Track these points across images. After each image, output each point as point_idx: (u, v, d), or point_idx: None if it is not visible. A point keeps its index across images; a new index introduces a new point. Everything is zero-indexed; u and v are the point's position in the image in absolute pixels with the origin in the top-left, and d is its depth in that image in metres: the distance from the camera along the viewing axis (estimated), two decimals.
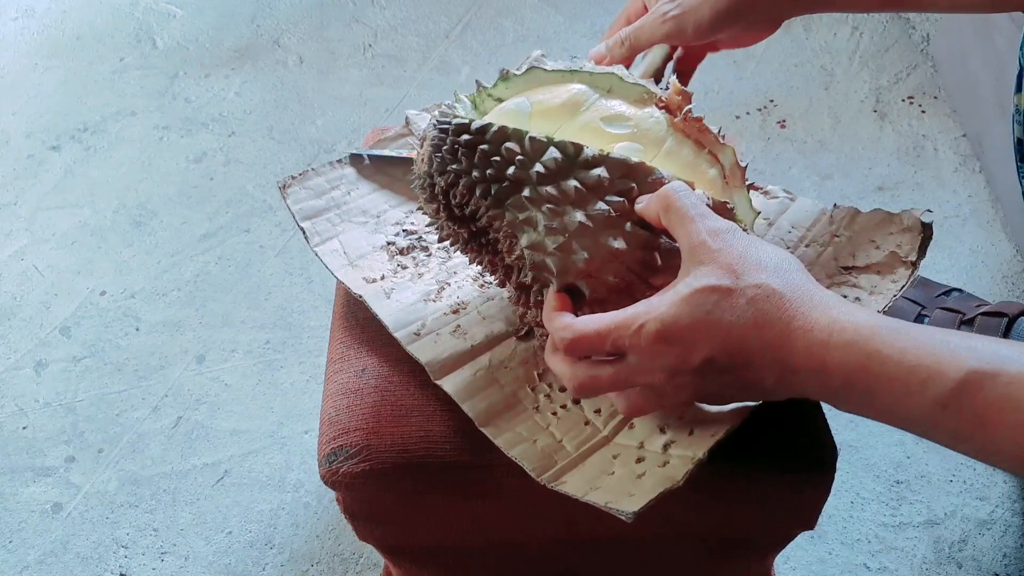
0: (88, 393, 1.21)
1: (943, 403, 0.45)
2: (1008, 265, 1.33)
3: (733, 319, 0.49)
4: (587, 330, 0.52)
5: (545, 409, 0.63)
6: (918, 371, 0.46)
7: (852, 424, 1.15)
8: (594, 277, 0.55)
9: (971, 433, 0.45)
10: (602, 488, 0.57)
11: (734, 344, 0.49)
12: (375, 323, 0.69)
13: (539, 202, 0.55)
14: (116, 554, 1.06)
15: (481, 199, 0.57)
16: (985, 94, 1.44)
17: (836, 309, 0.49)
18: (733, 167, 0.62)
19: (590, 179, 0.55)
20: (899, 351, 0.46)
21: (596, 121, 0.60)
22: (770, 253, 0.51)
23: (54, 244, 1.40)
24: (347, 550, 1.06)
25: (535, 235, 0.55)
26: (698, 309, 0.49)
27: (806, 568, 1.04)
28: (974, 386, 0.44)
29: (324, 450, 0.66)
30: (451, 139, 0.57)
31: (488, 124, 0.57)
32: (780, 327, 0.49)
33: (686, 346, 0.50)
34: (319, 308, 1.30)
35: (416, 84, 1.66)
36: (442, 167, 0.58)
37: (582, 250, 0.54)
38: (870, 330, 0.47)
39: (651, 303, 0.51)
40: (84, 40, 1.78)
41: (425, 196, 0.61)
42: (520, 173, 0.56)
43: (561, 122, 0.60)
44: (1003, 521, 1.07)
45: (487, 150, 0.56)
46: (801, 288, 0.50)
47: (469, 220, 0.59)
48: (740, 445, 0.61)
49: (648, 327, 0.50)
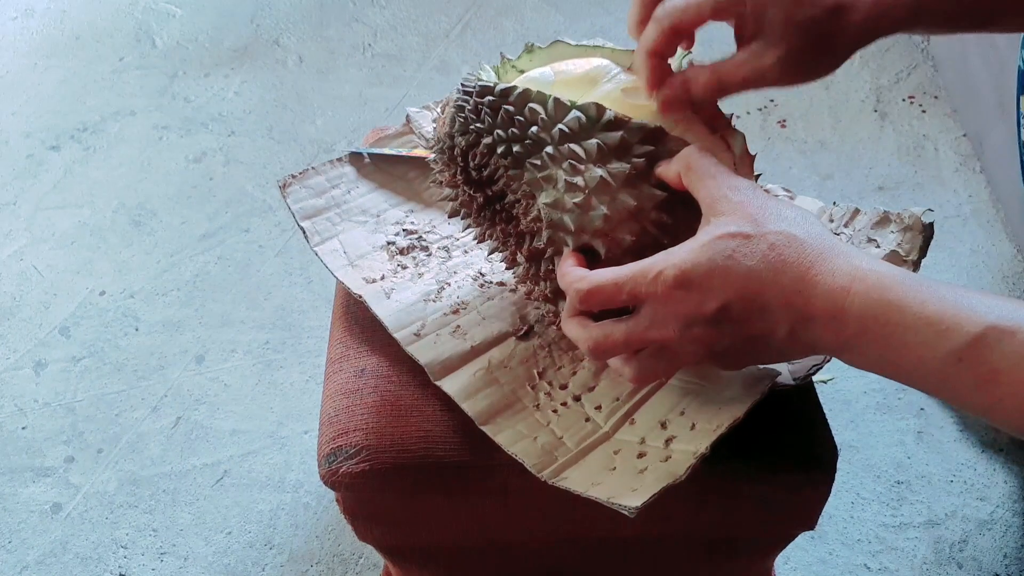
0: (87, 393, 1.21)
1: (958, 355, 0.45)
2: (1008, 265, 1.33)
3: (752, 264, 0.49)
4: (603, 280, 0.52)
5: (545, 407, 0.63)
6: (937, 323, 0.45)
7: (852, 424, 1.15)
8: (610, 236, 0.56)
9: (983, 389, 0.45)
10: (604, 484, 0.57)
11: (752, 290, 0.49)
12: (375, 323, 0.69)
13: (560, 159, 0.56)
14: (116, 554, 1.06)
15: (501, 159, 0.58)
16: (985, 94, 1.44)
17: (858, 258, 0.49)
18: (743, 154, 0.62)
19: (611, 139, 0.55)
20: (919, 302, 0.46)
21: (616, 92, 0.60)
22: (791, 207, 0.51)
23: (53, 244, 1.40)
24: (347, 550, 1.06)
25: (554, 192, 0.56)
26: (718, 254, 0.49)
27: (806, 568, 1.04)
28: (991, 341, 0.44)
29: (324, 450, 0.66)
30: (475, 100, 0.58)
31: (512, 87, 0.57)
32: (799, 272, 0.48)
33: (703, 292, 0.49)
34: (319, 308, 1.30)
35: (416, 84, 1.66)
36: (464, 127, 0.59)
37: (601, 205, 0.55)
38: (891, 279, 0.47)
39: (670, 252, 0.51)
40: (83, 40, 1.78)
41: (444, 159, 0.62)
42: (542, 133, 0.56)
43: (582, 91, 0.61)
44: (1003, 521, 1.07)
45: (511, 111, 0.57)
46: (822, 237, 0.50)
47: (486, 183, 0.60)
48: (740, 445, 0.61)
49: (666, 273, 0.50)
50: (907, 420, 1.15)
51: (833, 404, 1.17)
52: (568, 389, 0.64)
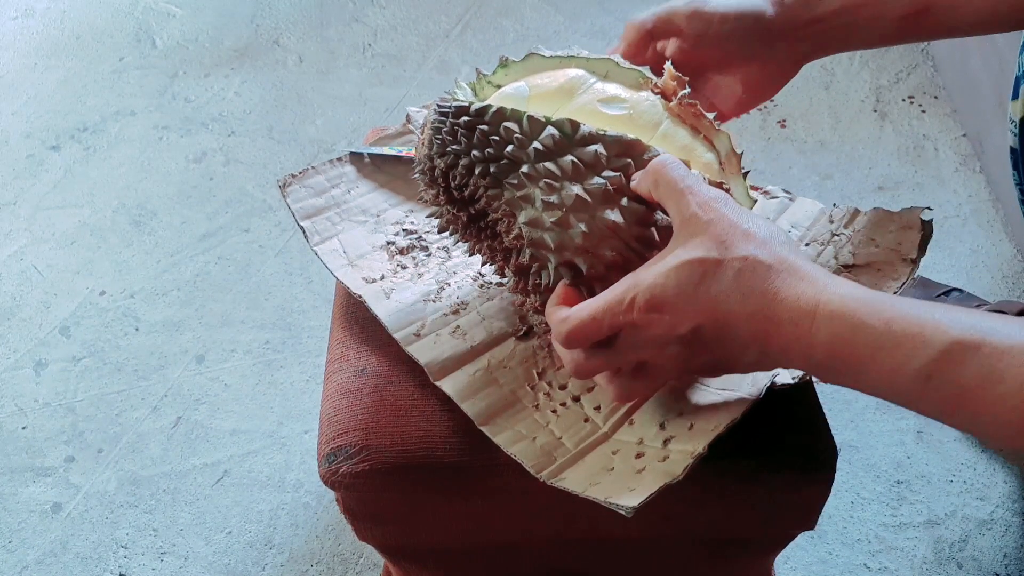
0: (88, 393, 1.21)
1: (926, 374, 0.45)
2: (1008, 265, 1.33)
3: (720, 291, 0.50)
4: (583, 317, 0.53)
5: (544, 407, 0.63)
6: (903, 342, 0.45)
7: (852, 424, 1.15)
8: (591, 253, 0.56)
9: (955, 406, 0.45)
10: (602, 484, 0.57)
11: (720, 315, 0.50)
12: (375, 323, 0.69)
13: (536, 178, 0.56)
14: (116, 554, 1.06)
15: (480, 179, 0.58)
16: (985, 94, 1.44)
17: (822, 281, 0.49)
18: (729, 154, 0.62)
19: (587, 155, 0.56)
20: (884, 322, 0.46)
21: (593, 103, 0.61)
22: (759, 224, 0.52)
23: (54, 244, 1.40)
24: (347, 550, 1.06)
25: (533, 211, 0.56)
26: (686, 280, 0.50)
27: (806, 568, 1.04)
28: (956, 357, 0.44)
29: (324, 450, 0.66)
30: (451, 121, 0.58)
31: (487, 106, 0.58)
32: (766, 299, 0.49)
33: (675, 315, 0.50)
34: (319, 308, 1.30)
35: (416, 84, 1.66)
36: (442, 149, 0.59)
37: (579, 223, 0.55)
38: (856, 301, 0.47)
39: (638, 276, 0.52)
40: (84, 40, 1.78)
41: (426, 180, 0.62)
42: (518, 152, 0.57)
43: (558, 104, 0.61)
44: (1003, 521, 1.07)
45: (486, 130, 0.57)
46: (787, 260, 0.50)
47: (468, 202, 0.60)
48: (740, 445, 0.61)
49: (639, 299, 0.51)
50: (907, 420, 1.15)
51: (833, 404, 1.17)
52: (567, 390, 0.64)
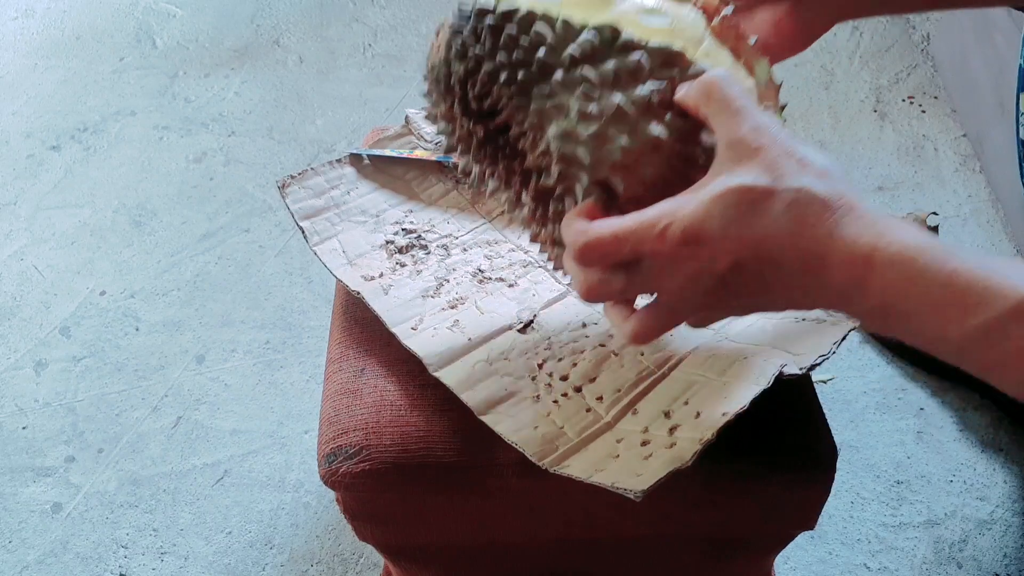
0: (88, 393, 1.21)
1: (987, 328, 0.42)
2: None
3: (768, 224, 0.44)
4: (603, 233, 0.47)
5: (545, 398, 0.63)
6: (966, 296, 0.42)
7: (852, 424, 1.15)
8: (630, 170, 0.50)
9: (1014, 364, 0.42)
10: (607, 470, 0.55)
11: (767, 251, 0.45)
12: (375, 323, 0.69)
13: (572, 85, 0.50)
14: (116, 554, 1.06)
15: (504, 87, 0.52)
16: (985, 94, 1.44)
17: (883, 223, 0.44)
18: (768, 82, 0.57)
19: (629, 64, 0.50)
20: (948, 273, 0.42)
21: (632, 12, 0.53)
22: (816, 155, 0.46)
23: (54, 244, 1.40)
24: (347, 550, 1.06)
25: (566, 122, 0.50)
26: (731, 210, 0.45)
27: (806, 568, 1.04)
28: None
29: (324, 450, 0.66)
30: (473, 22, 0.52)
31: (515, 8, 0.52)
32: (819, 238, 0.44)
33: (714, 250, 0.45)
34: (319, 308, 1.30)
35: (416, 84, 1.66)
36: (462, 52, 0.53)
37: (620, 136, 0.49)
38: (918, 248, 0.43)
39: (677, 202, 0.46)
40: (84, 40, 1.78)
41: (439, 90, 0.56)
42: (551, 57, 0.51)
43: (595, 11, 0.54)
44: (1003, 521, 1.07)
45: (514, 34, 0.51)
46: (845, 196, 0.45)
47: (487, 115, 0.55)
48: (740, 445, 0.61)
49: (673, 228, 0.45)
50: (907, 420, 1.16)
51: (833, 404, 1.17)
52: (569, 380, 0.64)
